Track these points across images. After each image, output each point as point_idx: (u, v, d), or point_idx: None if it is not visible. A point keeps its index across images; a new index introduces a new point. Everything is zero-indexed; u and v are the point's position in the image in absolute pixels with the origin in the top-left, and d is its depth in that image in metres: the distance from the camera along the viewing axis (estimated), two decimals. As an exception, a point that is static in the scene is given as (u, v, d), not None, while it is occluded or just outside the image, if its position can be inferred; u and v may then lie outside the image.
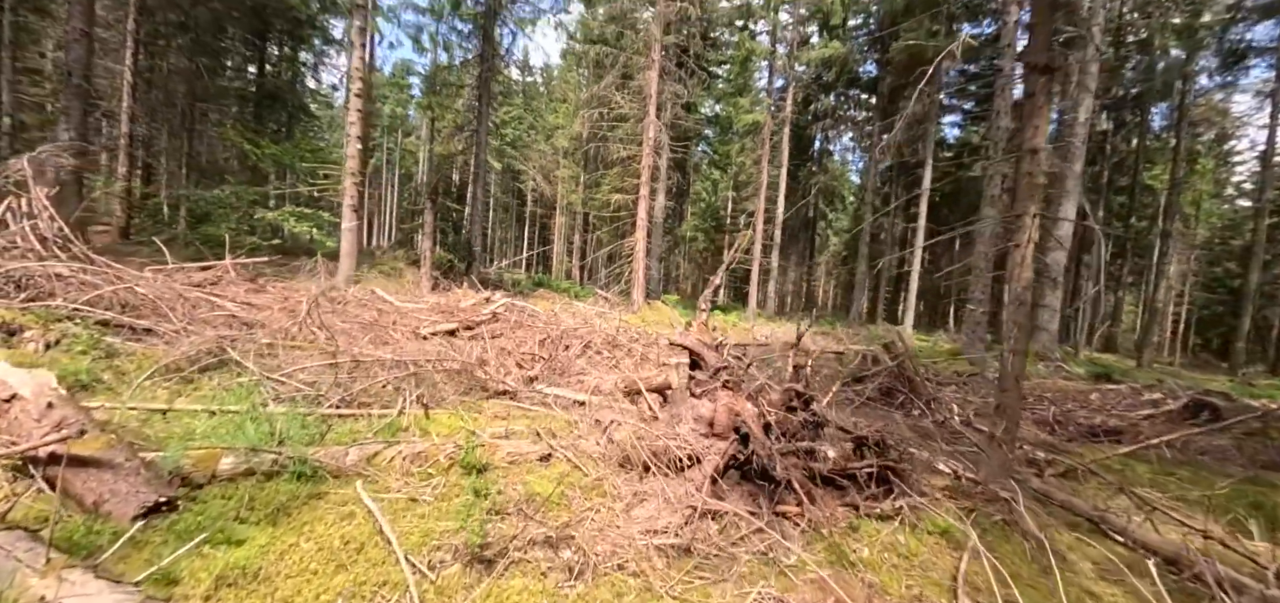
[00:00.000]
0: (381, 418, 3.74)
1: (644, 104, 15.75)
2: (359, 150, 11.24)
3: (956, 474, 3.70)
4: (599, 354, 8.00)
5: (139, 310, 4.53)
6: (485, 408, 4.63)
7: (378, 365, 4.62)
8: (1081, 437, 8.23)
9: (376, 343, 6.17)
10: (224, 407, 3.31)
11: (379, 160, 54.24)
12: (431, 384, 4.61)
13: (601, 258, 34.14)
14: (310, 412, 3.48)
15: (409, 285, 14.40)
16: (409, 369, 4.58)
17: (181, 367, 3.89)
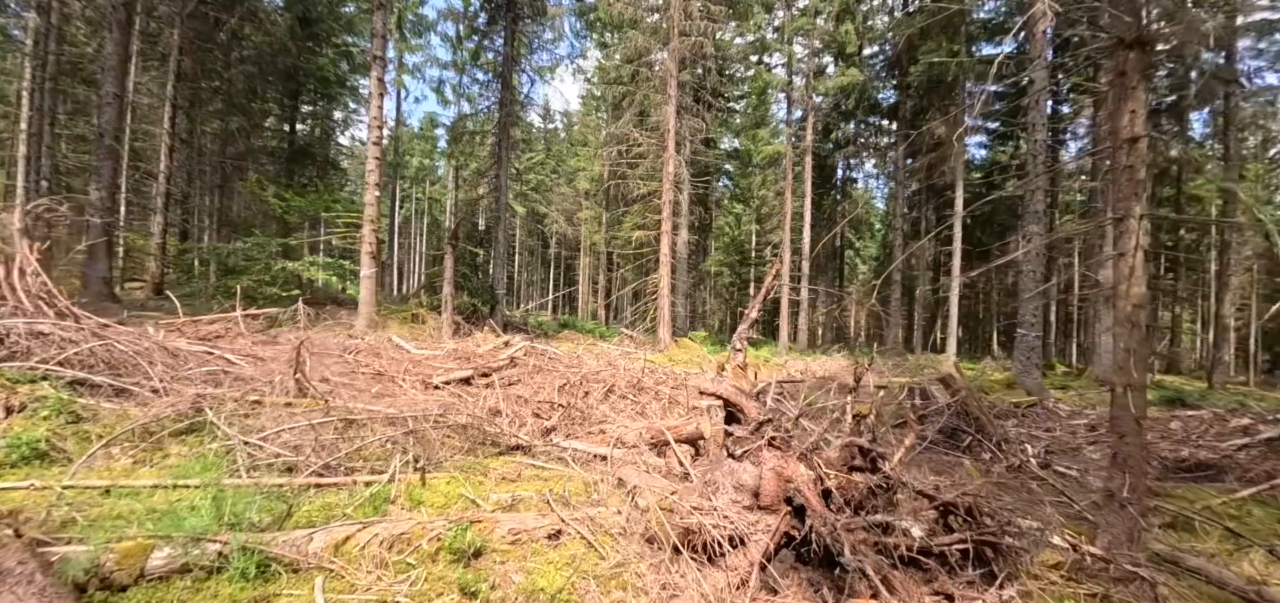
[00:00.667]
0: (368, 487, 3.22)
1: (662, 140, 15.49)
2: (376, 198, 11.12)
3: (1074, 546, 2.98)
4: (623, 399, 7.42)
5: (119, 368, 4.19)
6: (493, 468, 4.08)
7: (373, 422, 4.14)
8: (1172, 474, 7.23)
9: (382, 395, 5.72)
10: (181, 480, 2.85)
11: (409, 210, 55.66)
12: (432, 442, 4.09)
13: (626, 296, 33.77)
14: (283, 483, 2.99)
15: (430, 331, 14.13)
16: (408, 426, 4.08)
17: (153, 430, 3.48)
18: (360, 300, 11.21)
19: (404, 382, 6.44)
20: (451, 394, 6.39)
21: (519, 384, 7.21)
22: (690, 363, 14.53)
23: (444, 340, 12.64)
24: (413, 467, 3.52)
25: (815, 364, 16.92)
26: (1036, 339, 12.89)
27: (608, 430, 5.73)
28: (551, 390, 6.98)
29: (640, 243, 17.67)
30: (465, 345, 10.40)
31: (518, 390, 6.87)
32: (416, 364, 7.61)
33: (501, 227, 18.12)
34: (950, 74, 23.75)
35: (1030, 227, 12.91)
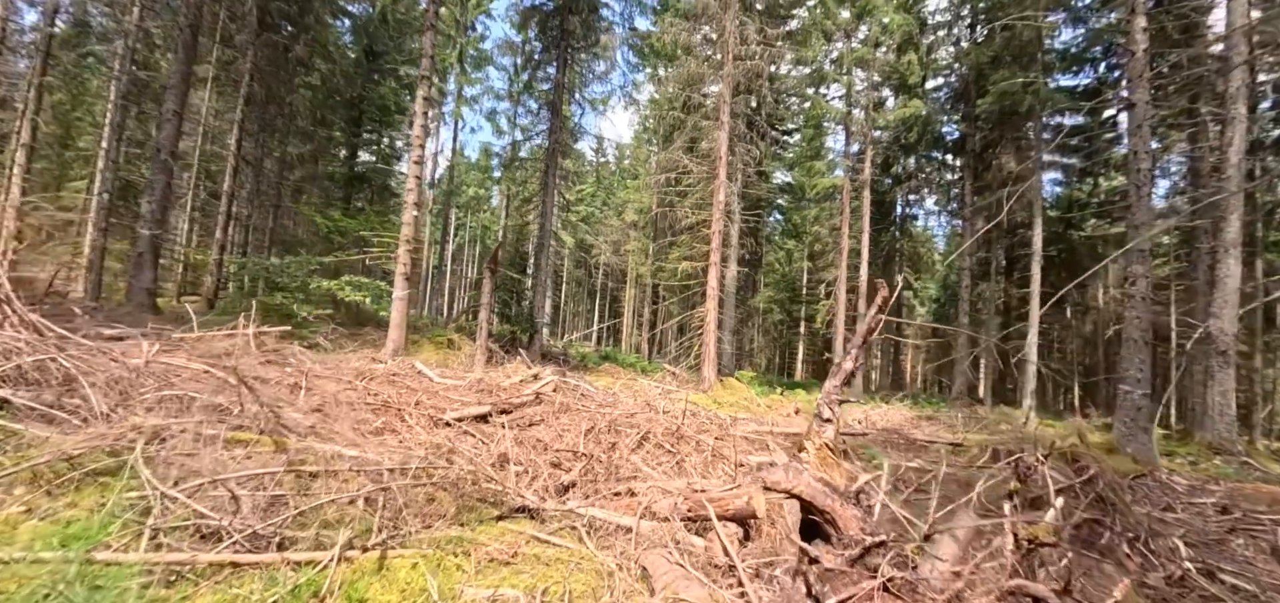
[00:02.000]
0: (298, 571, 2.41)
1: (713, 167, 14.70)
2: (414, 218, 10.76)
3: None
4: (659, 449, 6.45)
5: (71, 385, 3.63)
6: (483, 542, 3.21)
7: (343, 473, 3.36)
8: None
9: (380, 432, 5.00)
10: (36, 554, 2.12)
11: (462, 238, 57.04)
12: (412, 503, 3.27)
13: (670, 330, 32.82)
14: (186, 560, 2.22)
15: (464, 359, 13.62)
16: (383, 480, 3.28)
17: (59, 470, 2.83)
18: (391, 323, 10.78)
19: (412, 416, 5.72)
20: (460, 434, 5.61)
21: (541, 425, 6.37)
22: (736, 406, 13.38)
23: (475, 369, 12.05)
24: (372, 541, 2.70)
25: (874, 412, 15.40)
26: (1143, 398, 11.09)
27: (637, 491, 4.78)
28: (577, 434, 6.10)
29: (687, 274, 16.79)
30: (493, 376, 9.72)
31: (538, 433, 6.03)
32: (433, 395, 6.92)
33: (546, 254, 17.67)
34: (1024, 104, 22.04)
35: (1135, 267, 11.25)
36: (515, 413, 6.65)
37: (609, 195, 49.73)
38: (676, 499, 4.00)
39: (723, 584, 3.17)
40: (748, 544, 3.68)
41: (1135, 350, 11.08)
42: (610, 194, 50.03)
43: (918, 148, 27.42)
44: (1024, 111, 23.23)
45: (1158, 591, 3.85)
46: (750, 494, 3.65)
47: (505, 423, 6.17)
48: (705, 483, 5.36)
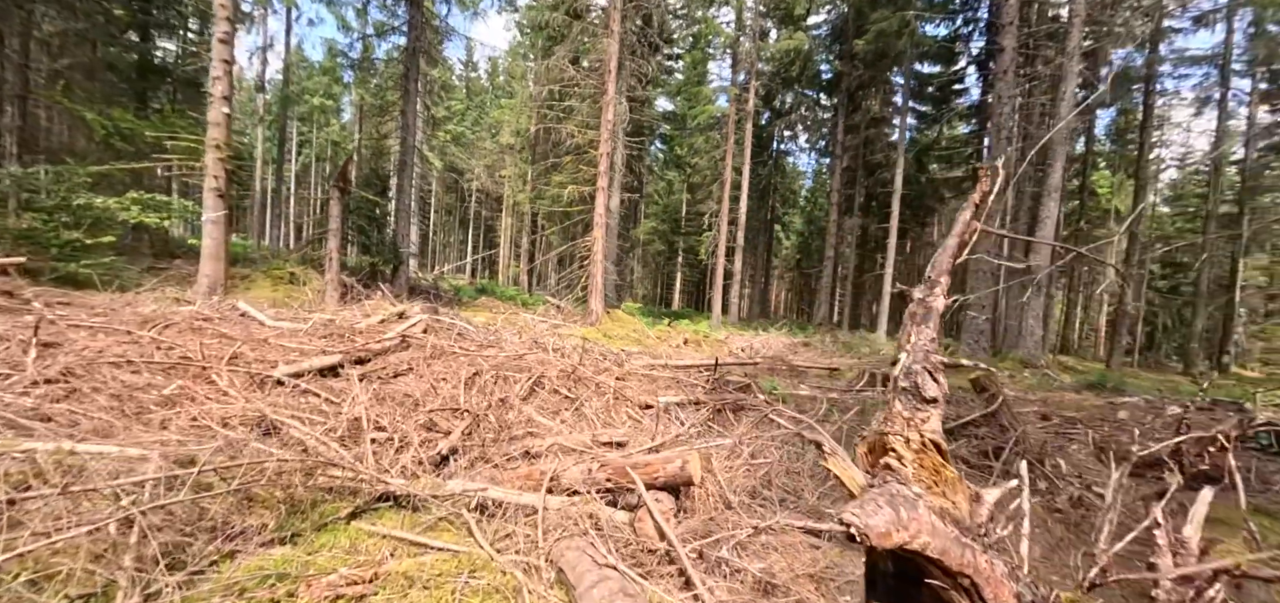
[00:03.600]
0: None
1: (602, 81, 13.45)
2: (226, 115, 8.36)
3: None
4: (555, 394, 5.63)
5: None
6: (323, 559, 2.19)
7: (70, 487, 2.10)
8: (1137, 470, 6.45)
9: (172, 403, 3.58)
10: None
11: (308, 157, 49.51)
12: (192, 524, 2.13)
13: (551, 262, 31.53)
14: None
15: (311, 295, 11.49)
16: (145, 494, 2.09)
17: None
18: (203, 253, 8.51)
19: (225, 376, 4.26)
20: (298, 396, 4.30)
21: (409, 375, 5.20)
22: (626, 338, 12.90)
23: (326, 307, 10.16)
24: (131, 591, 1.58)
25: (757, 341, 15.88)
26: (986, 322, 12.41)
27: (536, 453, 3.94)
28: (456, 385, 5.05)
29: (572, 201, 15.64)
30: (347, 316, 8.11)
31: (406, 386, 4.88)
32: (260, 345, 5.38)
33: (409, 174, 15.39)
34: (895, 49, 23.22)
35: (987, 204, 12.28)
36: (375, 362, 5.38)
37: (482, 114, 45.75)
38: (590, 466, 3.22)
39: (663, 577, 2.49)
40: (680, 516, 3.04)
41: (981, 281, 12.26)
42: (483, 113, 46.01)
43: (799, 82, 28.05)
44: (893, 57, 24.53)
45: (1065, 513, 3.89)
46: (685, 457, 2.98)
47: (361, 376, 4.92)
48: (611, 433, 4.67)
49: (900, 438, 1.70)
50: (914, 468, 1.62)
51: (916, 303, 2.24)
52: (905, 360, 2.00)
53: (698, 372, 8.70)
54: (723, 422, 5.63)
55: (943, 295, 2.24)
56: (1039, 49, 18.98)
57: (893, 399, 1.92)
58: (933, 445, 1.67)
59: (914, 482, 1.55)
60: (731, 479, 3.41)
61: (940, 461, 1.62)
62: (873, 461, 1.76)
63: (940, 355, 2.05)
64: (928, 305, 2.16)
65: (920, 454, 1.64)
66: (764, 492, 3.30)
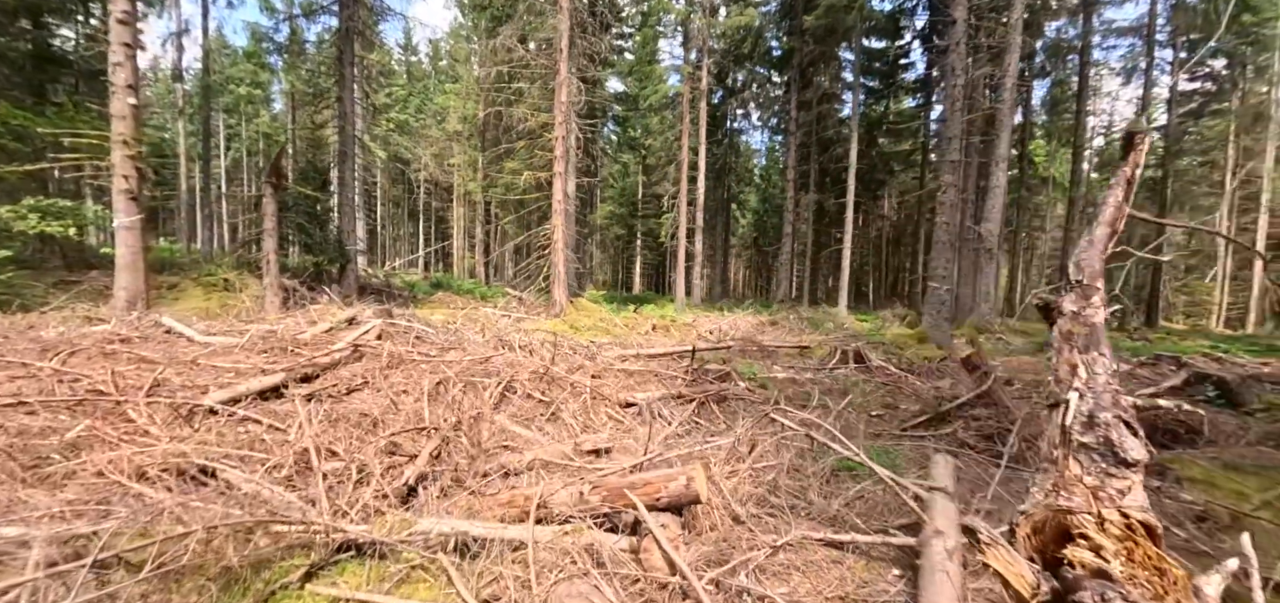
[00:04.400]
0: None
1: (554, 61, 12.83)
2: (132, 107, 7.41)
3: None
4: (529, 399, 5.22)
5: None
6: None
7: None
8: None
9: (75, 447, 3.01)
10: None
11: (238, 152, 46.36)
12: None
13: (508, 251, 30.63)
14: None
15: (249, 303, 10.57)
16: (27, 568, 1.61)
17: None
18: (118, 263, 7.59)
19: (144, 409, 3.66)
20: (235, 426, 3.75)
21: (364, 390, 4.68)
22: (594, 329, 12.50)
23: (266, 316, 9.34)
24: None
25: (724, 323, 15.77)
26: (948, 292, 12.65)
27: (515, 471, 3.56)
28: (419, 397, 4.58)
29: (528, 187, 15.02)
30: (291, 324, 7.41)
31: (362, 403, 4.38)
32: (188, 367, 4.74)
33: (350, 165, 14.40)
34: (845, 24, 23.35)
35: (945, 177, 12.44)
36: (325, 378, 4.83)
37: (426, 99, 43.85)
38: (582, 488, 2.87)
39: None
40: (687, 537, 2.73)
41: (943, 250, 12.44)
42: (427, 98, 44.11)
43: (750, 59, 27.94)
44: (842, 32, 24.68)
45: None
46: (689, 474, 2.66)
47: (309, 396, 4.38)
48: (594, 439, 4.33)
49: (1090, 518, 1.34)
50: (1122, 564, 1.23)
51: (1069, 319, 1.81)
52: (1079, 403, 1.56)
53: (673, 361, 8.43)
54: (708, 415, 5.37)
55: (1102, 304, 1.89)
56: (982, 22, 19.43)
57: (1063, 457, 1.50)
58: (1143, 529, 1.27)
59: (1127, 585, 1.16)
60: (735, 487, 3.13)
61: (1158, 552, 1.23)
62: (1044, 546, 1.42)
63: (1124, 393, 1.60)
64: (1088, 322, 1.77)
65: (1128, 544, 1.29)
66: (771, 499, 3.03)
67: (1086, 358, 1.64)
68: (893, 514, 2.84)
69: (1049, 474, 1.50)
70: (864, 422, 5.10)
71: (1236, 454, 6.07)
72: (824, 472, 3.35)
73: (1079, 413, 1.58)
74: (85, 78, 18.65)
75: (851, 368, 9.57)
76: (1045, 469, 1.50)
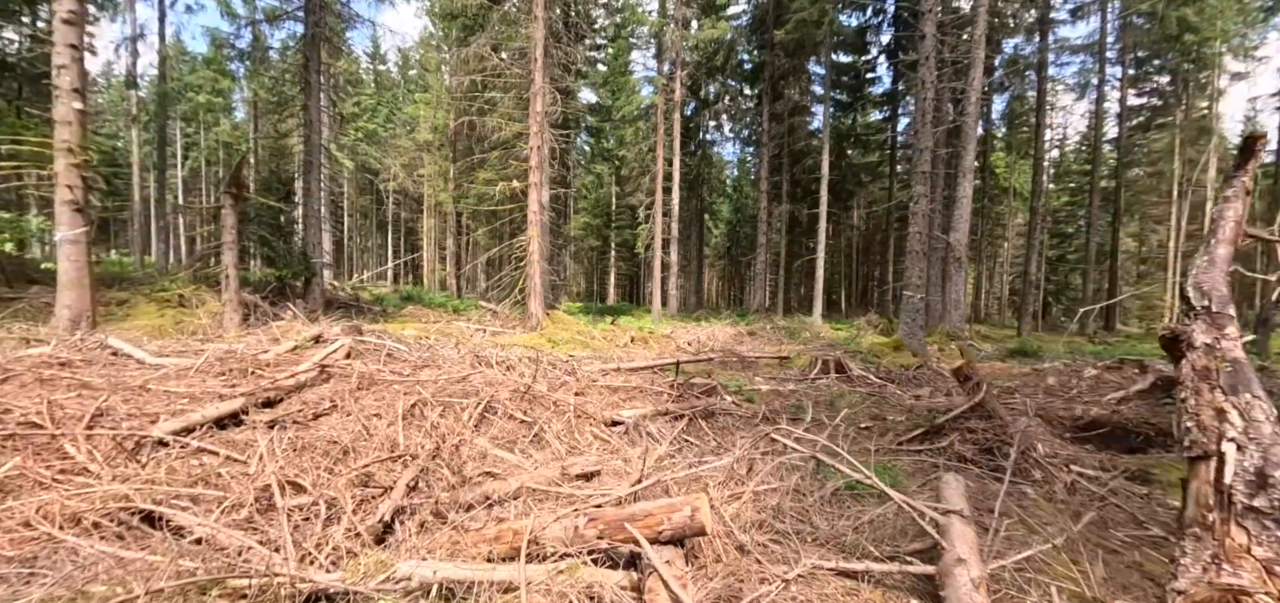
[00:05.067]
0: None
1: (528, 69, 12.63)
2: (78, 112, 6.93)
3: None
4: (510, 419, 4.98)
5: None
6: None
7: None
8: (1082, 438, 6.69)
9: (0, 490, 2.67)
10: None
11: (197, 161, 44.64)
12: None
13: (481, 263, 30.11)
14: None
15: (207, 321, 10.01)
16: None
17: None
18: (61, 280, 7.05)
19: (83, 443, 3.31)
20: (187, 459, 3.42)
21: (333, 415, 4.37)
22: (572, 342, 12.26)
23: (225, 334, 8.85)
24: None
25: (702, 334, 15.69)
26: (922, 301, 12.82)
27: (499, 500, 3.32)
28: (393, 420, 4.30)
29: (501, 198, 14.72)
30: (253, 343, 6.98)
31: (330, 429, 4.08)
32: (137, 393, 4.36)
33: (316, 175, 13.88)
34: (815, 38, 23.78)
35: (918, 188, 12.65)
36: (289, 402, 4.50)
37: (395, 109, 43.01)
38: (576, 522, 2.66)
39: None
40: (691, 570, 2.55)
41: (917, 260, 12.62)
42: (396, 108, 43.27)
43: (722, 72, 28.19)
44: (812, 46, 25.12)
45: (1068, 503, 3.75)
46: (693, 504, 2.48)
47: (272, 422, 4.06)
48: (582, 462, 4.12)
49: (1269, 599, 1.14)
50: None
51: (1203, 353, 1.49)
52: (1239, 457, 1.26)
53: (656, 375, 8.26)
54: (697, 432, 5.20)
55: (1238, 335, 1.67)
56: (946, 38, 20.04)
57: (1222, 523, 1.21)
58: None
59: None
60: (737, 512, 2.96)
61: None
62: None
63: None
64: (1227, 356, 1.47)
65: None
66: (776, 524, 2.87)
67: (1237, 401, 1.45)
68: (904, 539, 2.72)
69: (1204, 544, 1.33)
70: (854, 435, 5.00)
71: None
72: (826, 493, 3.21)
73: (1242, 469, 1.41)
74: (29, 81, 17.68)
75: (833, 378, 9.55)
76: (1197, 537, 1.33)
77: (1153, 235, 39.60)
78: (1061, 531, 3.09)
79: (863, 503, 3.09)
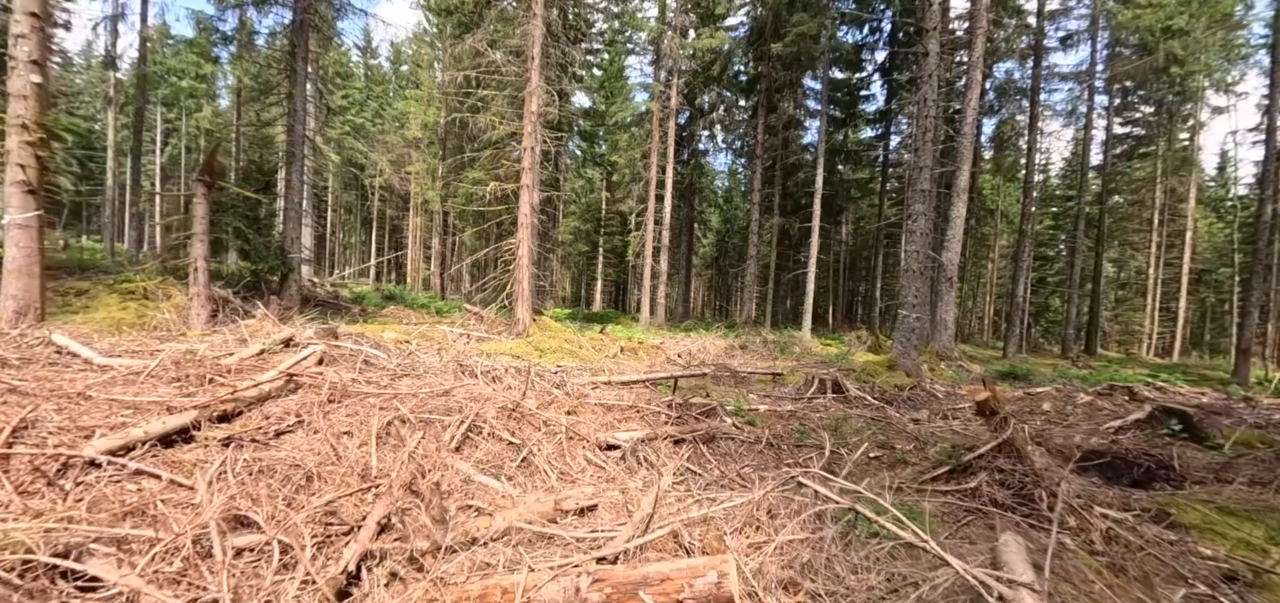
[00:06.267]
0: None
1: (525, 67, 12.24)
2: (36, 86, 6.38)
3: None
4: (496, 440, 4.55)
5: None
6: None
7: None
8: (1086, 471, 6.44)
9: None
10: None
11: (176, 148, 43.43)
12: None
13: (466, 265, 29.52)
14: None
15: (170, 316, 9.41)
16: None
17: None
18: (6, 267, 6.48)
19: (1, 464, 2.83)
20: (123, 484, 2.96)
21: (298, 430, 3.92)
22: (559, 351, 11.81)
23: (191, 331, 8.30)
24: None
25: (693, 345, 15.33)
26: (918, 320, 12.61)
27: (483, 540, 2.91)
28: (366, 439, 3.86)
29: (490, 199, 14.27)
30: (218, 342, 6.46)
31: (294, 449, 3.62)
32: (74, 401, 3.87)
33: (299, 167, 13.31)
34: (813, 52, 23.73)
35: (916, 206, 12.46)
36: (249, 415, 4.03)
37: (385, 104, 42.28)
38: (577, 581, 2.26)
39: None
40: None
41: (913, 279, 12.41)
42: (386, 103, 42.55)
43: (719, 82, 28.04)
44: (808, 60, 25.09)
45: (1107, 553, 3.44)
46: (720, 569, 2.10)
47: (227, 440, 3.59)
48: (577, 494, 3.72)
49: None
50: None
51: None
52: None
53: (649, 389, 7.88)
54: (699, 459, 4.83)
55: None
56: (944, 57, 20.07)
57: None
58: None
59: None
60: (760, 567, 2.58)
61: None
62: None
63: None
64: None
65: None
66: (805, 583, 2.50)
67: None
68: (956, 608, 2.36)
69: None
70: (871, 470, 4.66)
71: (1230, 497, 5.92)
72: (862, 548, 2.84)
73: None
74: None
75: (830, 398, 9.26)
76: None
77: (1131, 261, 40.36)
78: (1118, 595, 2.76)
79: (897, 557, 2.73)
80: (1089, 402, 11.72)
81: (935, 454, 4.75)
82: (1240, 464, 6.57)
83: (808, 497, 3.53)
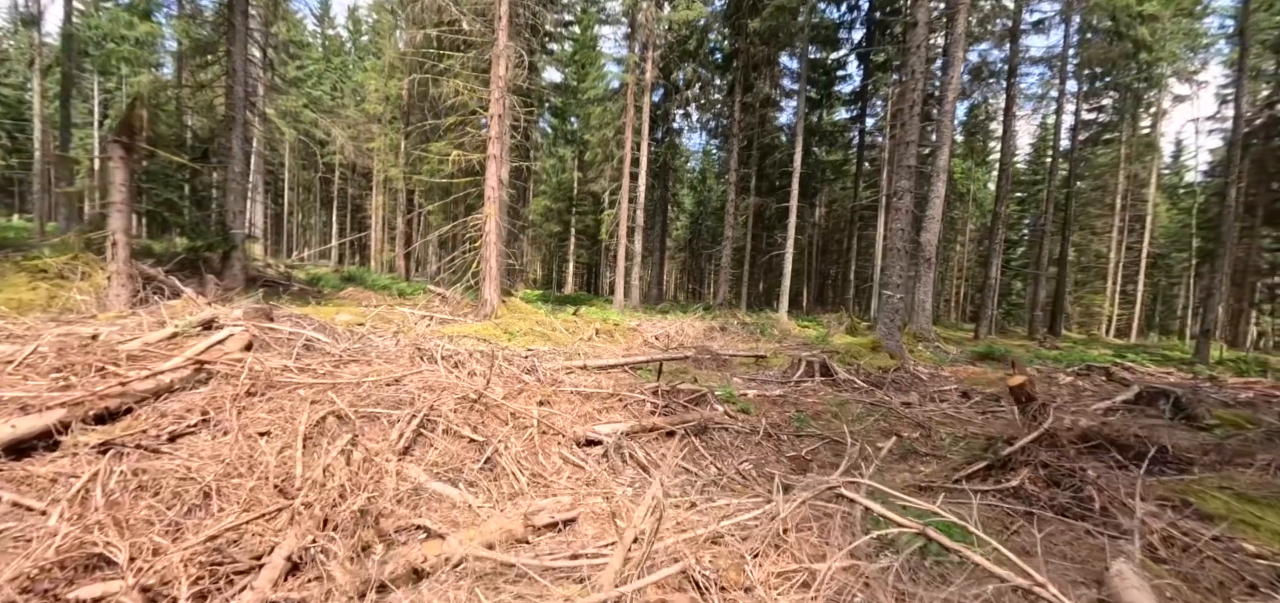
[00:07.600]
0: None
1: (491, 26, 11.30)
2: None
3: None
4: (455, 437, 3.86)
5: None
6: None
7: None
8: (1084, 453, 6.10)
9: None
10: None
11: (115, 118, 40.39)
12: None
13: (432, 244, 28.28)
14: None
15: (84, 297, 8.33)
16: None
17: None
18: None
19: None
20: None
21: (203, 431, 3.16)
22: (530, 333, 11.06)
23: (102, 313, 7.29)
24: None
25: (670, 328, 14.76)
26: (901, 301, 12.29)
27: (428, 570, 2.24)
28: (290, 440, 3.12)
29: (456, 170, 13.32)
30: (130, 325, 5.55)
31: (191, 456, 2.87)
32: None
33: (239, 133, 12.10)
34: (791, 29, 23.16)
35: (901, 184, 12.06)
36: (141, 413, 3.24)
37: (344, 76, 40.16)
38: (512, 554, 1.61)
39: None
40: None
41: (897, 258, 12.05)
42: (345, 76, 40.42)
43: (695, 58, 27.25)
44: (786, 37, 24.52)
45: (1169, 560, 2.98)
46: None
47: (105, 446, 2.81)
48: (553, 506, 3.08)
49: None
50: None
51: None
52: None
53: (629, 374, 7.25)
54: (693, 454, 4.23)
55: None
56: (924, 34, 19.74)
57: None
58: None
59: None
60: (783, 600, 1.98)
61: None
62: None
63: None
64: None
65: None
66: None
67: None
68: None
69: None
70: (889, 466, 4.14)
71: (1249, 482, 5.61)
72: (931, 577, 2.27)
73: None
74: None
75: (817, 381, 8.81)
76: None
77: (1092, 245, 41.46)
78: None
79: (949, 582, 2.17)
80: (1070, 383, 11.62)
81: (963, 449, 4.25)
82: (1232, 445, 6.31)
83: (818, 497, 2.97)
